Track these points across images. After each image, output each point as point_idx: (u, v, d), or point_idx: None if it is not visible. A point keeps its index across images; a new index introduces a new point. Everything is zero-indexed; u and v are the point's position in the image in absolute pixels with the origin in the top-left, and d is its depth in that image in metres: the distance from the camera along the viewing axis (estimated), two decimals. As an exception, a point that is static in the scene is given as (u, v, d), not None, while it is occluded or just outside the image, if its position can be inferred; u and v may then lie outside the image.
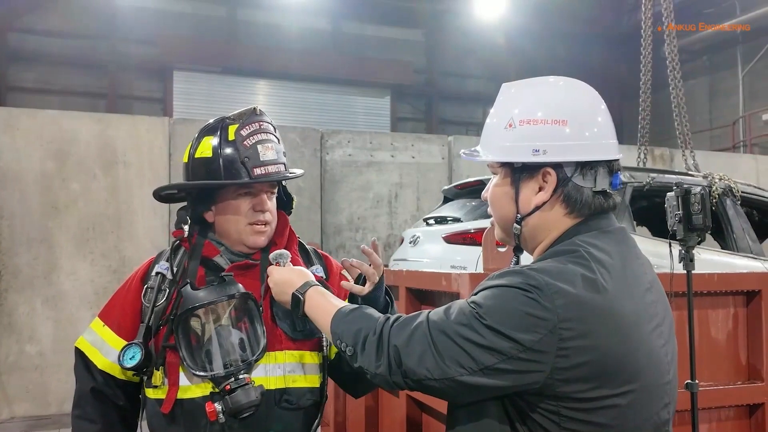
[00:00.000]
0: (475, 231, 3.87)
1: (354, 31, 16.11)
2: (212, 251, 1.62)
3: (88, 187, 5.88)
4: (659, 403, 1.18)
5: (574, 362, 1.09)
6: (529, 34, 15.87)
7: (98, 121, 6.06)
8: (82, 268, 5.80)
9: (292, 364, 1.58)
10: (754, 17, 13.70)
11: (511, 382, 1.11)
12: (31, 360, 5.60)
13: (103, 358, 1.61)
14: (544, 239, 1.27)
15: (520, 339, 1.08)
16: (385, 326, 1.22)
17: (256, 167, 1.55)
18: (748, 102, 14.91)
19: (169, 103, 14.38)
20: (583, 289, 1.11)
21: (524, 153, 1.23)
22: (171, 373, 1.53)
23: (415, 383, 1.17)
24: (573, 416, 1.11)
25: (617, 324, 1.12)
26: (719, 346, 2.76)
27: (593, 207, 1.24)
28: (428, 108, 17.10)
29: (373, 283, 1.55)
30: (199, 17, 14.76)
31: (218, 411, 1.45)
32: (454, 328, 1.14)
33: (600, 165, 1.23)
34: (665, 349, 1.21)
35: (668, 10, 5.34)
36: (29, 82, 13.39)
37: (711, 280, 2.74)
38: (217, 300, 1.50)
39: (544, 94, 1.27)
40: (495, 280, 1.17)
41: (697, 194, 2.42)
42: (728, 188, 4.30)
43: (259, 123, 1.61)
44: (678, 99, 5.39)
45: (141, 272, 1.67)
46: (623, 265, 1.19)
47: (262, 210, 1.60)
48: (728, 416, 2.73)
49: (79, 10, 13.49)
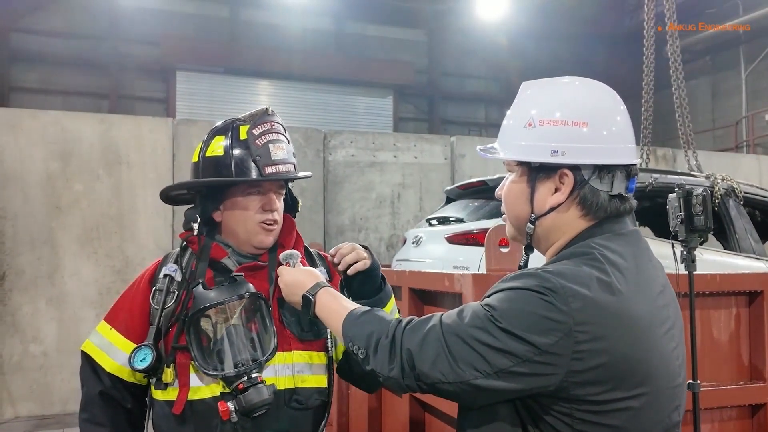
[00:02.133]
0: (478, 231, 3.87)
1: (356, 31, 16.13)
2: (220, 253, 1.62)
3: (92, 187, 5.89)
4: (670, 405, 1.18)
5: (588, 365, 1.08)
6: (530, 35, 15.87)
7: (101, 121, 6.08)
8: (85, 269, 5.82)
9: (301, 365, 1.59)
10: (756, 17, 13.69)
11: (525, 385, 1.10)
12: (34, 360, 5.62)
13: (111, 361, 1.62)
14: (558, 240, 1.26)
15: (536, 342, 1.08)
16: (397, 329, 1.22)
17: (267, 166, 1.57)
18: (751, 102, 14.89)
19: (171, 104, 14.40)
20: (598, 291, 1.11)
21: (543, 153, 1.22)
22: (181, 374, 1.53)
23: (429, 387, 1.17)
24: (586, 418, 1.11)
25: (631, 327, 1.12)
26: (721, 347, 2.76)
27: (609, 210, 1.23)
28: (430, 108, 17.10)
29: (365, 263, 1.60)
30: (201, 17, 14.78)
31: (231, 410, 1.46)
32: (469, 331, 1.13)
33: (618, 169, 1.23)
34: (676, 352, 1.21)
35: (671, 11, 5.33)
36: (32, 82, 13.42)
37: (713, 280, 2.74)
38: (229, 300, 1.51)
39: (563, 94, 1.27)
40: (509, 282, 1.17)
41: (699, 196, 2.43)
42: (731, 189, 4.30)
43: (271, 123, 1.62)
44: (680, 99, 5.38)
45: (148, 274, 1.67)
46: (637, 268, 1.19)
47: (271, 209, 1.61)
48: (730, 416, 2.74)
49: (81, 10, 13.52)
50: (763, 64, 14.66)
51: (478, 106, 17.63)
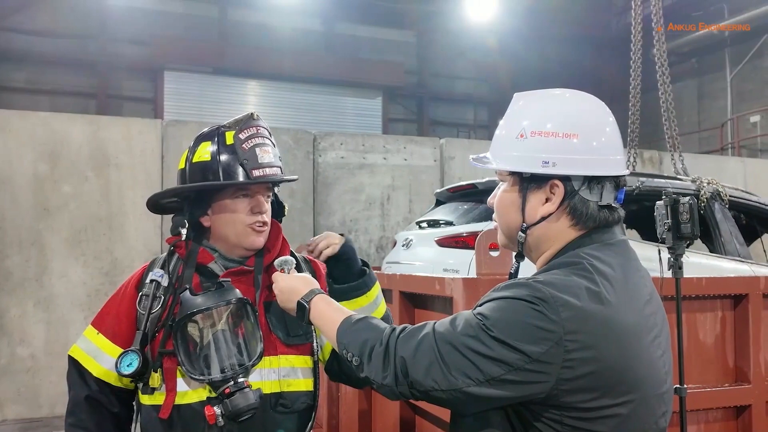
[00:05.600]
0: (468, 234, 3.90)
1: (346, 32, 16.14)
2: (207, 258, 1.64)
3: (80, 189, 5.86)
4: (658, 411, 1.21)
5: (578, 373, 1.11)
6: (519, 37, 15.95)
7: (90, 122, 6.04)
8: (73, 271, 5.78)
9: (287, 369, 1.61)
10: (741, 20, 13.86)
11: (517, 392, 1.13)
12: (22, 362, 5.58)
13: (98, 366, 1.63)
14: (548, 249, 1.29)
15: (527, 350, 1.10)
16: (391, 337, 1.24)
17: (255, 169, 1.59)
18: (736, 104, 15.06)
19: (159, 104, 14.34)
20: (588, 301, 1.13)
21: (534, 164, 1.25)
22: (168, 379, 1.55)
23: (422, 394, 1.19)
24: (575, 425, 1.14)
25: (620, 335, 1.15)
26: (707, 349, 2.81)
27: (598, 220, 1.26)
28: (419, 109, 17.15)
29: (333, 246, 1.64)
30: (190, 17, 14.74)
31: (218, 414, 1.48)
32: (461, 339, 1.15)
33: (607, 180, 1.26)
34: (663, 359, 1.24)
35: (658, 15, 5.38)
36: (18, 82, 13.32)
37: (699, 284, 2.79)
38: (216, 305, 1.52)
39: (555, 106, 1.30)
40: (501, 291, 1.19)
41: (686, 204, 2.47)
42: (716, 192, 4.34)
43: (257, 128, 1.64)
44: (667, 102, 5.41)
45: (135, 280, 1.68)
46: (625, 278, 1.22)
47: (260, 211, 1.63)
48: (716, 418, 2.78)
49: (68, 9, 13.44)
50: (748, 67, 14.83)
51: (467, 108, 17.71)
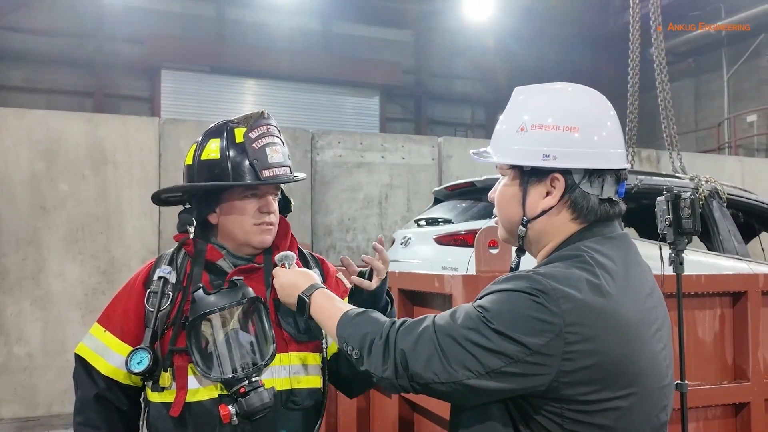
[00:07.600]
0: (466, 232, 3.89)
1: (343, 31, 16.13)
2: (215, 255, 1.63)
3: (77, 187, 5.84)
4: (658, 405, 1.21)
5: (578, 365, 1.11)
6: (517, 36, 15.95)
7: (87, 121, 6.02)
8: (71, 269, 5.77)
9: (297, 366, 1.61)
10: (738, 20, 13.88)
11: (517, 384, 1.13)
12: (19, 361, 5.57)
13: (106, 364, 1.61)
14: (549, 243, 1.29)
15: (527, 342, 1.10)
16: (391, 330, 1.24)
17: (265, 169, 1.58)
18: (733, 104, 15.09)
19: (156, 103, 14.31)
20: (588, 293, 1.13)
21: (535, 157, 1.24)
22: (179, 377, 1.54)
23: (422, 387, 1.19)
24: (576, 418, 1.13)
25: (620, 328, 1.15)
26: (706, 347, 2.80)
27: (599, 214, 1.26)
28: (417, 108, 17.14)
29: (381, 278, 1.59)
30: (187, 16, 14.71)
31: (232, 414, 1.47)
32: (461, 332, 1.15)
33: (608, 173, 1.26)
34: (664, 353, 1.24)
35: (656, 15, 5.38)
36: (15, 80, 13.28)
37: (698, 281, 2.78)
38: (230, 304, 1.52)
39: (555, 100, 1.29)
40: (501, 284, 1.19)
41: (687, 199, 2.47)
42: (714, 190, 4.35)
43: (267, 126, 1.63)
44: (665, 101, 5.42)
45: (142, 276, 1.67)
46: (626, 271, 1.22)
47: (268, 211, 1.63)
48: (715, 415, 2.78)
49: (66, 8, 13.40)
50: (744, 67, 14.86)
51: (464, 107, 17.70)
